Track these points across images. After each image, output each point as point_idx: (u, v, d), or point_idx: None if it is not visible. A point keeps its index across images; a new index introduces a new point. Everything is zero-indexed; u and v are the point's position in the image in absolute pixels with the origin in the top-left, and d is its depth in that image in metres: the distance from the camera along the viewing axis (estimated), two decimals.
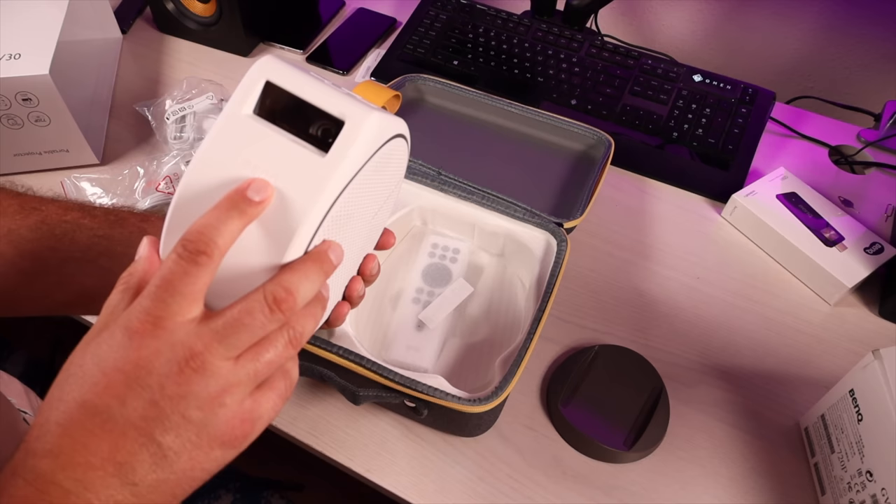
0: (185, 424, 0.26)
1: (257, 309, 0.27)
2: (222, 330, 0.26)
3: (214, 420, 0.26)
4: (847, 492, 0.44)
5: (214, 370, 0.26)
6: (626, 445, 0.48)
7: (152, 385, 0.25)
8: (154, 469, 0.26)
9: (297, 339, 0.29)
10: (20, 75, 0.56)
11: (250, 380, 0.27)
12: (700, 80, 0.74)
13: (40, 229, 0.38)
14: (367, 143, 0.30)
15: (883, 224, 0.65)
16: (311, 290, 0.29)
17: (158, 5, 0.77)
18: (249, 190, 0.28)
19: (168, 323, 0.26)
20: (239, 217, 0.28)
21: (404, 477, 0.47)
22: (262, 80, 0.30)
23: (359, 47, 0.81)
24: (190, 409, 0.26)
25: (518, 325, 0.53)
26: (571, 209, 0.59)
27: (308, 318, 0.29)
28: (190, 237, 0.27)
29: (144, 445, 0.25)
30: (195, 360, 0.26)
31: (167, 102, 0.66)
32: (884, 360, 0.43)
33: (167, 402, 0.25)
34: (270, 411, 0.29)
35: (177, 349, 0.26)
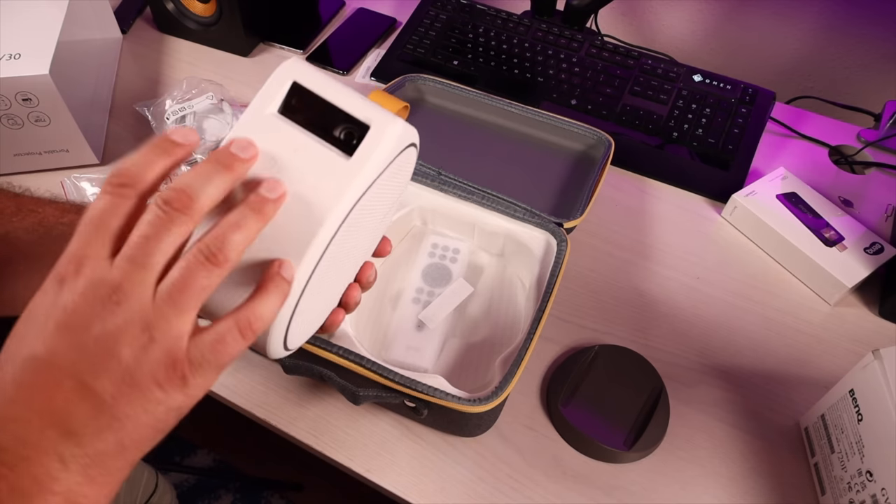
0: (115, 365, 0.25)
1: (151, 214, 0.26)
2: (131, 254, 0.25)
3: (146, 356, 0.25)
4: (847, 492, 0.44)
5: (135, 300, 0.25)
6: (626, 445, 0.48)
7: (79, 327, 0.24)
8: (94, 416, 0.24)
9: (215, 256, 0.26)
10: (20, 75, 0.56)
11: (170, 307, 0.25)
12: (700, 80, 0.74)
13: (37, 231, 0.38)
14: (389, 149, 0.30)
15: (883, 224, 0.65)
16: (212, 189, 0.27)
17: (158, 5, 0.77)
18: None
19: (87, 263, 0.25)
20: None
21: (404, 477, 0.47)
22: (288, 80, 0.30)
23: (359, 47, 0.81)
24: (118, 345, 0.25)
25: (518, 325, 0.53)
26: (571, 209, 0.59)
27: (230, 231, 0.26)
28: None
29: (79, 392, 0.24)
30: (117, 293, 0.25)
31: (167, 102, 0.66)
32: (884, 360, 0.43)
33: (95, 343, 0.24)
34: (218, 357, 0.26)
35: (99, 287, 0.25)
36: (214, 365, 0.27)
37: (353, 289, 0.39)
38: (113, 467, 0.25)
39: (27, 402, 0.24)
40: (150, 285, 0.25)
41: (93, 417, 0.24)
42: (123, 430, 0.25)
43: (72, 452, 0.24)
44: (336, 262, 0.32)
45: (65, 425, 0.24)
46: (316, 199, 0.28)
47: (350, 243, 0.33)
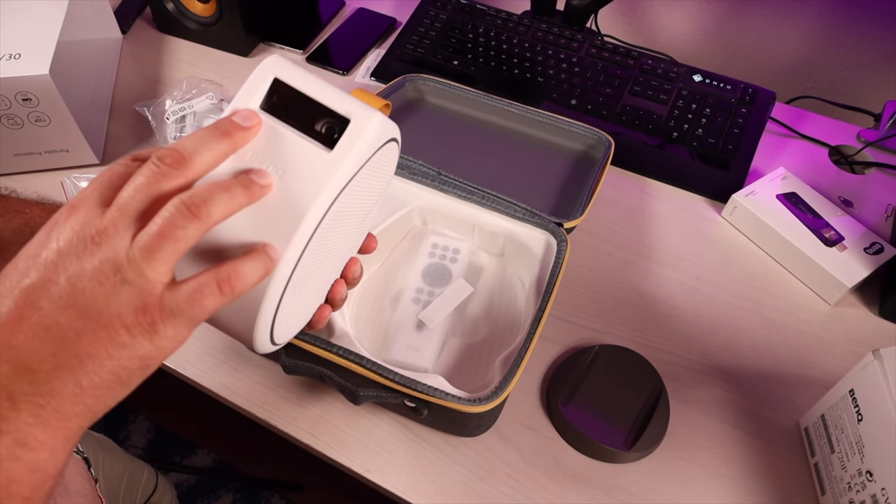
0: (85, 302, 0.24)
1: (146, 167, 0.26)
2: (121, 201, 0.25)
3: (116, 297, 0.25)
4: (847, 492, 0.44)
5: (115, 243, 0.25)
6: (626, 445, 0.48)
7: (58, 263, 0.25)
8: (53, 352, 0.24)
9: (197, 206, 0.26)
10: (20, 75, 0.56)
11: (146, 254, 0.25)
12: (700, 80, 0.74)
13: (24, 232, 0.38)
14: (370, 142, 0.31)
15: (883, 224, 0.65)
16: (208, 154, 0.27)
17: (158, 5, 0.77)
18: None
19: (80, 209, 0.25)
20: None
21: (404, 477, 0.47)
22: (269, 77, 0.30)
23: (359, 47, 0.81)
24: (90, 283, 0.24)
25: (518, 325, 0.53)
26: (571, 209, 0.59)
27: (216, 190, 0.27)
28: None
29: (44, 326, 0.24)
30: (99, 235, 0.25)
31: (167, 102, 0.66)
32: (884, 360, 0.43)
33: (70, 278, 0.24)
34: (193, 308, 0.26)
35: (86, 228, 0.25)
36: (188, 316, 0.26)
37: (339, 285, 0.39)
38: (69, 412, 0.24)
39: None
40: (130, 230, 0.25)
41: (52, 354, 0.24)
42: (83, 369, 0.24)
43: (23, 390, 0.23)
44: (320, 255, 0.33)
45: (21, 360, 0.23)
46: (299, 190, 0.29)
47: (334, 237, 0.33)
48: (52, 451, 0.24)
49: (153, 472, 0.81)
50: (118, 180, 0.27)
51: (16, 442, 0.23)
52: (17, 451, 0.23)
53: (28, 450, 0.23)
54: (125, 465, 0.73)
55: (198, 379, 0.51)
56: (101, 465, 0.67)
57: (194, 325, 0.27)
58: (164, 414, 1.16)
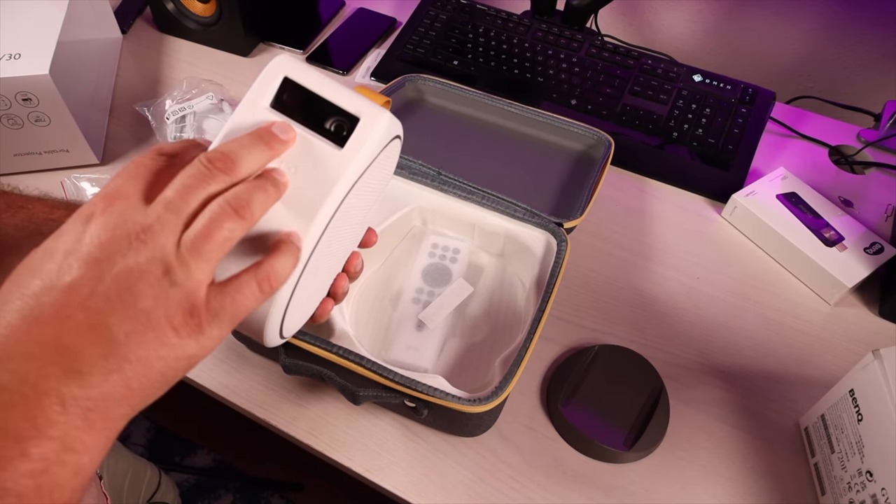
0: (133, 302, 0.24)
1: (194, 167, 0.26)
2: (168, 199, 0.25)
3: (166, 299, 0.24)
4: (847, 492, 0.44)
5: (163, 243, 0.25)
6: (626, 445, 0.48)
7: (102, 260, 0.24)
8: (103, 354, 0.23)
9: (242, 208, 0.26)
10: (20, 75, 0.56)
11: (194, 256, 0.25)
12: (700, 80, 0.74)
13: (27, 228, 0.38)
14: (379, 140, 0.31)
15: (883, 224, 0.65)
16: (252, 160, 0.28)
17: (158, 5, 0.77)
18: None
19: (119, 202, 0.25)
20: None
21: (404, 477, 0.47)
22: (280, 75, 0.31)
23: (359, 47, 0.81)
24: (139, 283, 0.24)
25: (518, 325, 0.53)
26: (571, 209, 0.59)
27: (255, 190, 0.27)
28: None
29: (92, 327, 0.23)
30: (145, 233, 0.24)
31: (167, 102, 0.66)
32: (884, 360, 0.43)
33: (117, 278, 0.24)
34: (236, 307, 0.27)
35: (129, 224, 0.25)
36: (231, 315, 0.27)
37: (342, 279, 0.39)
38: (115, 413, 0.24)
39: (34, 336, 0.23)
40: (178, 230, 0.25)
41: (102, 356, 0.23)
42: (132, 371, 0.24)
43: (73, 394, 0.22)
44: (328, 250, 0.33)
45: (70, 363, 0.23)
46: (311, 187, 0.30)
47: (340, 232, 0.34)
48: (94, 453, 0.23)
49: (156, 470, 0.82)
50: (152, 175, 0.27)
51: (63, 446, 0.22)
52: (63, 456, 0.22)
53: (74, 454, 0.23)
54: (128, 464, 0.73)
55: (198, 379, 0.51)
56: (105, 463, 0.67)
57: (235, 324, 0.27)
58: (164, 413, 1.16)
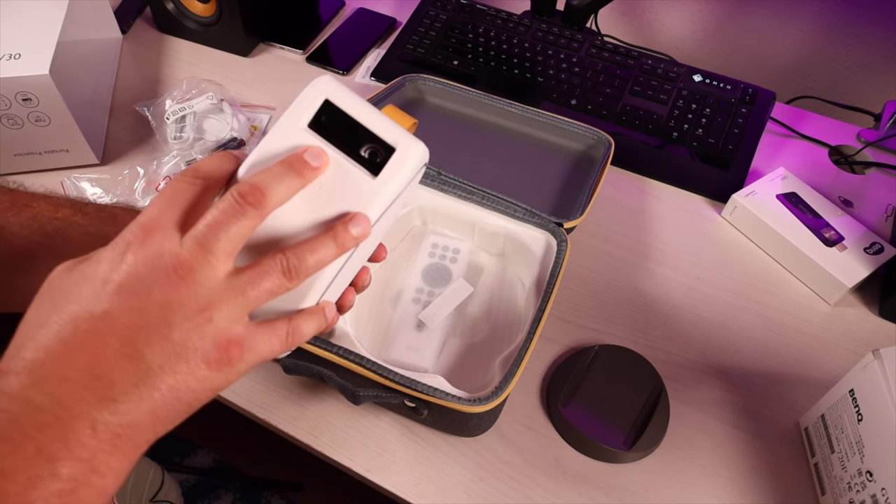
0: (169, 334, 0.25)
1: (227, 202, 0.27)
2: (201, 235, 0.26)
3: (200, 333, 0.25)
4: (847, 492, 0.44)
5: (200, 279, 0.26)
6: (626, 445, 0.48)
7: (140, 292, 0.25)
8: (136, 383, 0.24)
9: (293, 271, 0.28)
10: (20, 75, 0.56)
11: (237, 296, 0.27)
12: (700, 80, 0.74)
13: (31, 226, 0.38)
14: (411, 171, 0.32)
15: (883, 224, 0.65)
16: (282, 191, 0.28)
17: (158, 5, 0.77)
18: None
19: (156, 234, 0.26)
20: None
21: (404, 477, 0.48)
22: (321, 97, 0.31)
23: (359, 47, 0.81)
24: (175, 317, 0.25)
25: (518, 325, 0.53)
26: (571, 209, 0.60)
27: (305, 251, 0.28)
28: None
29: (127, 356, 0.24)
30: (182, 268, 0.25)
31: (167, 102, 0.66)
32: (884, 360, 0.43)
33: (153, 309, 0.25)
34: (263, 349, 0.28)
35: (165, 257, 0.25)
36: (259, 356, 0.28)
37: (349, 293, 0.39)
38: (140, 439, 0.25)
39: (70, 361, 0.23)
40: (215, 268, 0.26)
41: (134, 385, 0.24)
42: (162, 401, 0.25)
43: (105, 420, 0.23)
44: (347, 268, 0.34)
45: (104, 390, 0.24)
46: (341, 212, 0.31)
47: (359, 252, 0.34)
48: (118, 476, 0.24)
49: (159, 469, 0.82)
50: (187, 203, 0.28)
51: (91, 468, 0.23)
52: (91, 478, 0.23)
53: (100, 476, 0.23)
54: None
55: None
56: None
57: (260, 363, 0.28)
58: None
